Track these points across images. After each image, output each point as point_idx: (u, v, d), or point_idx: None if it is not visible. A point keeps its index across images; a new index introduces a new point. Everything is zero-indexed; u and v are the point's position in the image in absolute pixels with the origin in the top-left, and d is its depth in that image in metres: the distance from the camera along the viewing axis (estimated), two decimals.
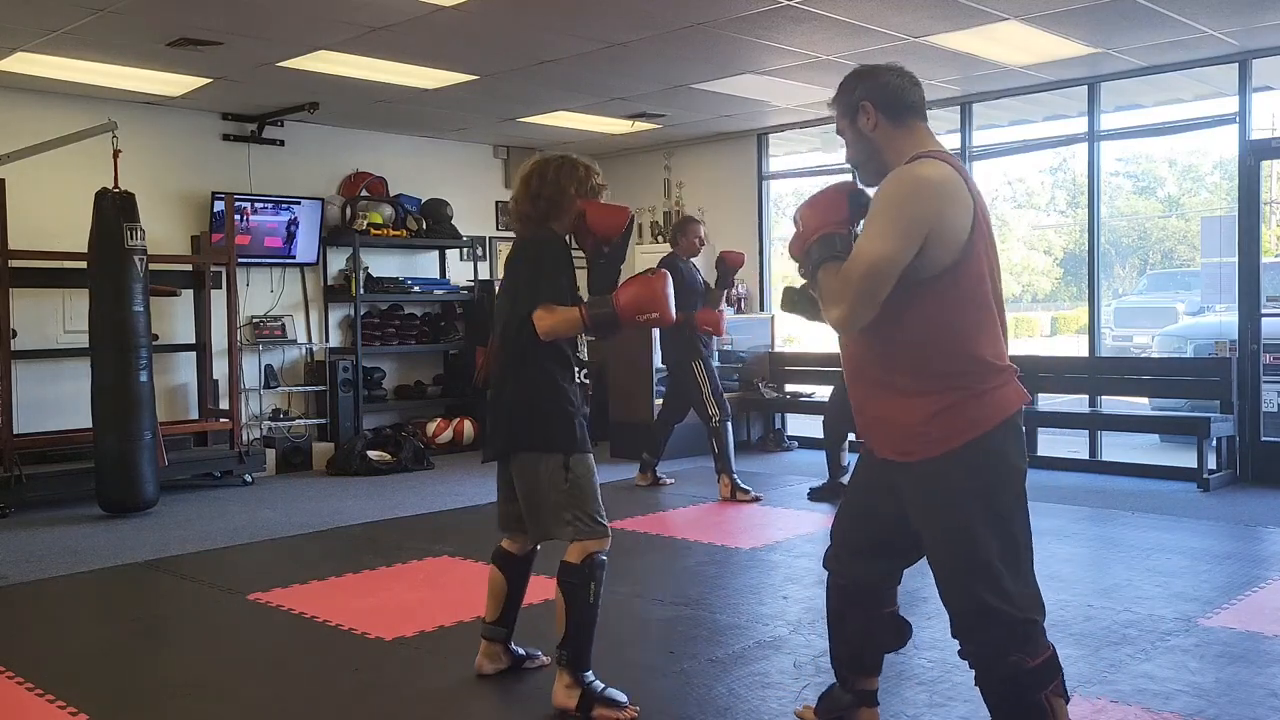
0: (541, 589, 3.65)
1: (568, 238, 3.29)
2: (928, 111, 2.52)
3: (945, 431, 2.29)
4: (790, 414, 9.13)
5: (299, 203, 8.26)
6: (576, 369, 3.22)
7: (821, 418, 6.80)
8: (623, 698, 3.10)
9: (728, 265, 6.78)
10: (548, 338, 3.08)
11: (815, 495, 6.51)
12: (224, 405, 7.72)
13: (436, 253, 9.36)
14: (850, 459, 6.54)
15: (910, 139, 2.40)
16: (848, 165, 2.58)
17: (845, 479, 6.48)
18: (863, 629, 2.69)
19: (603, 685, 3.11)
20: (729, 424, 6.60)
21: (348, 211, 8.46)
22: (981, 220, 2.30)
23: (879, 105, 2.40)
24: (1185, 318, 11.41)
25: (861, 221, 2.37)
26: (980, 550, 2.28)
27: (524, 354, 3.16)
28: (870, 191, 2.40)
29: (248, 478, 7.44)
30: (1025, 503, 2.35)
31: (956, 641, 2.40)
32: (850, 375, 2.51)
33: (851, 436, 6.65)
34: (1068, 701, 2.36)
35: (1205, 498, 6.39)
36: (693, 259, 6.77)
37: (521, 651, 3.50)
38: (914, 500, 2.40)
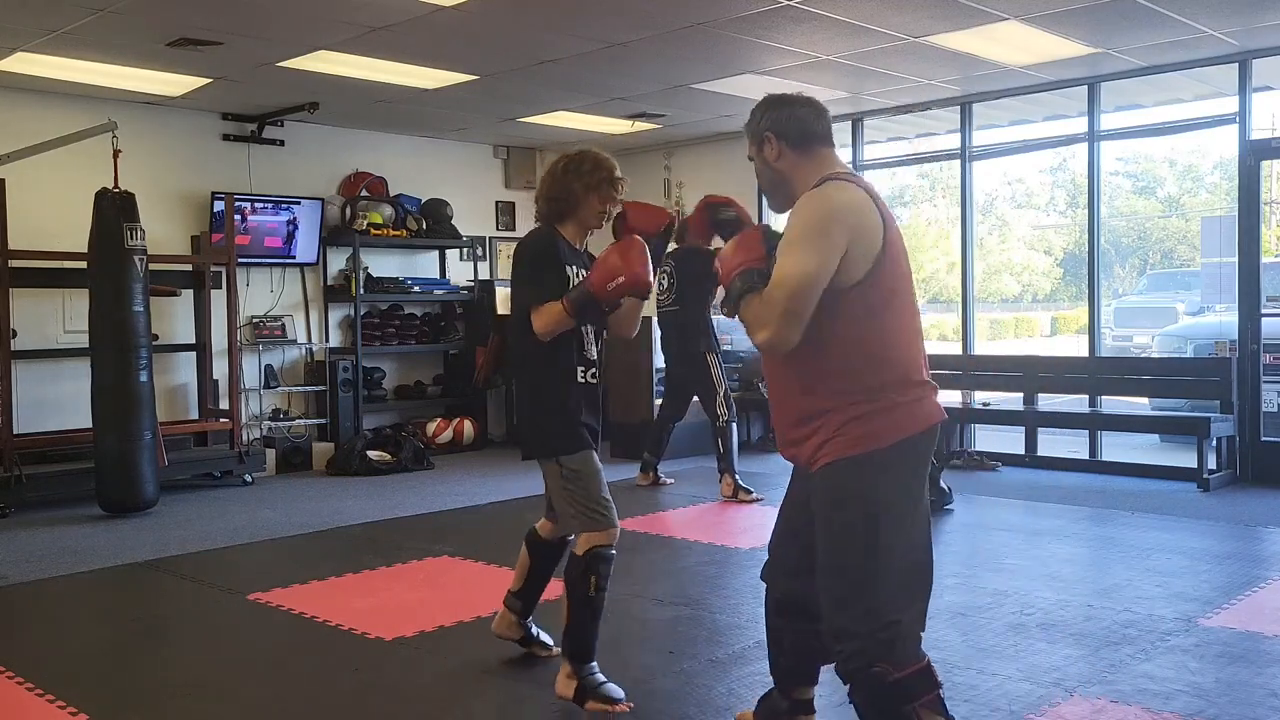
0: (556, 586, 3.66)
1: (585, 239, 3.31)
2: (928, 112, 2.52)
3: (848, 440, 2.33)
4: None
5: (299, 203, 8.26)
6: (584, 369, 3.22)
7: None
8: (619, 694, 3.13)
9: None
10: (547, 337, 3.11)
11: None
12: (224, 405, 7.72)
13: (436, 253, 9.36)
14: None
15: (815, 166, 2.45)
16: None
17: None
18: (797, 642, 2.69)
19: (602, 679, 3.15)
20: (734, 425, 6.60)
21: (348, 211, 8.46)
22: (893, 237, 2.35)
23: (781, 135, 2.46)
24: (1185, 318, 11.40)
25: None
26: (853, 556, 2.31)
27: (523, 357, 3.23)
28: (780, 227, 2.44)
29: (248, 478, 7.44)
30: (922, 514, 2.39)
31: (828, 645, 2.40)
32: (771, 393, 2.56)
33: None
34: (943, 718, 2.35)
35: (1205, 498, 6.39)
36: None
37: (535, 631, 3.58)
38: (814, 505, 2.43)
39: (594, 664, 3.17)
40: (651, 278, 3.13)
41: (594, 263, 3.12)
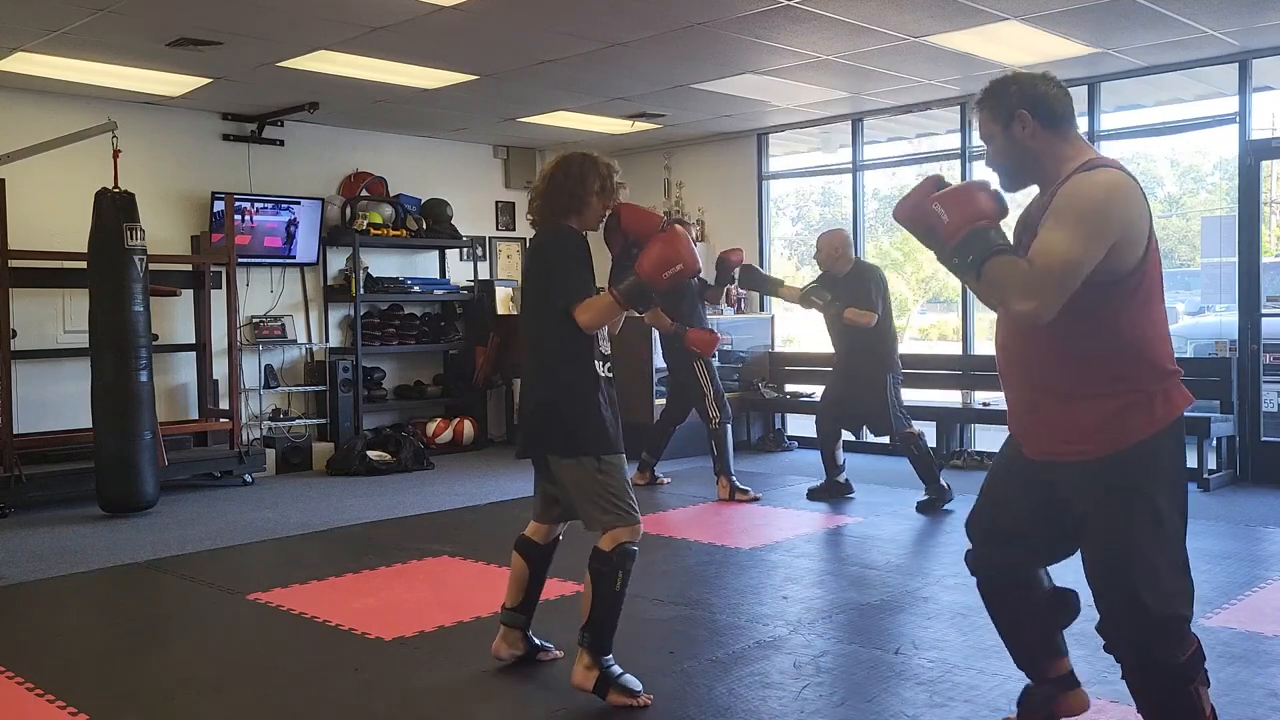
0: (554, 587, 3.65)
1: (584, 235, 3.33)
2: (928, 112, 2.54)
3: (1121, 431, 2.38)
4: (790, 414, 9.12)
5: (299, 203, 8.26)
6: (601, 363, 3.25)
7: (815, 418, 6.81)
8: (638, 686, 3.16)
9: (729, 264, 6.75)
10: (591, 329, 3.14)
11: (814, 495, 6.51)
12: (224, 405, 7.72)
13: (436, 253, 9.35)
14: (845, 457, 6.56)
15: (1069, 146, 2.48)
16: (991, 168, 2.60)
17: (841, 477, 6.49)
18: (1031, 613, 2.74)
19: (620, 670, 3.17)
20: (729, 426, 6.60)
21: (348, 211, 8.46)
22: (1153, 227, 2.39)
23: (1035, 113, 2.46)
24: (1185, 318, 11.39)
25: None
26: (1144, 546, 2.37)
27: (553, 354, 3.22)
28: (1006, 197, 2.45)
29: (248, 478, 7.44)
30: (1187, 500, 2.49)
31: (1102, 637, 2.46)
32: (1014, 378, 2.56)
33: (846, 435, 6.65)
34: (1209, 687, 2.44)
35: (1205, 498, 6.39)
36: None
37: (538, 642, 3.55)
38: (1084, 497, 2.45)
39: (611, 656, 3.19)
40: (699, 265, 3.20)
41: (642, 253, 3.14)
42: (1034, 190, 2.55)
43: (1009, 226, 2.50)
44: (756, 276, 6.61)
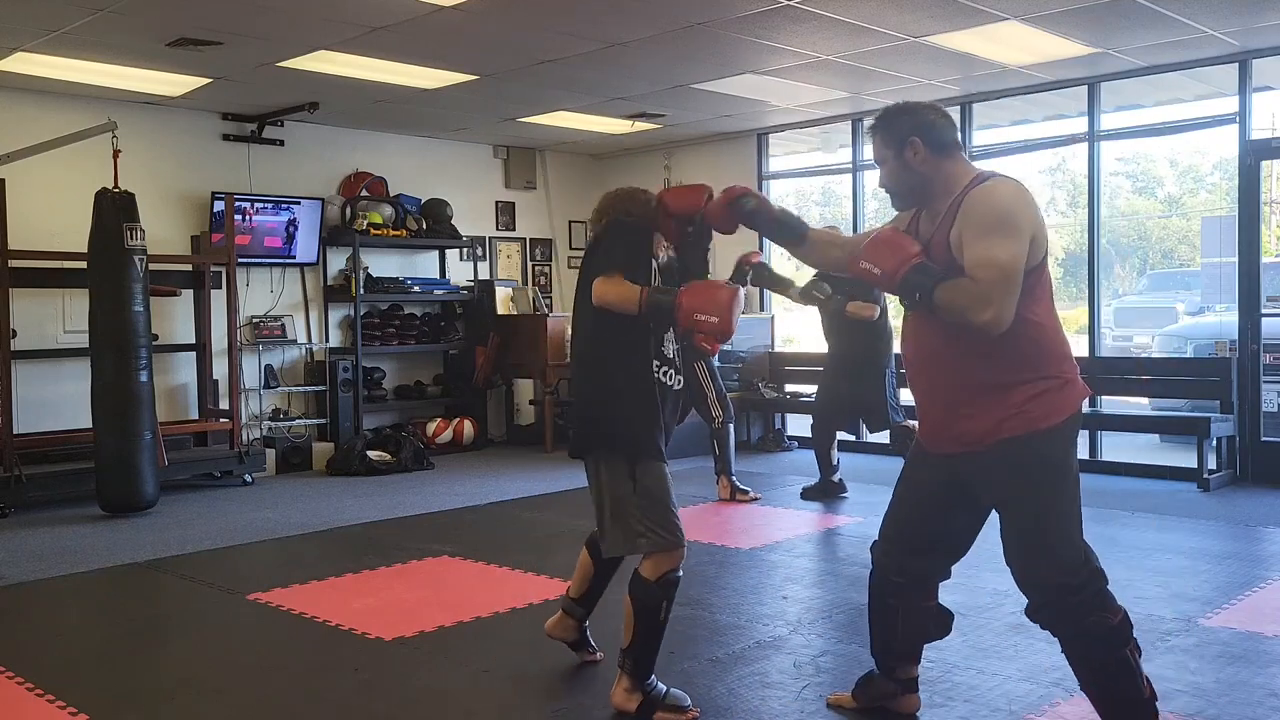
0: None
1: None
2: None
3: (1034, 415, 2.53)
4: (790, 414, 9.13)
5: (299, 203, 8.25)
6: (660, 365, 3.06)
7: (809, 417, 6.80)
8: (686, 700, 3.08)
9: (748, 265, 6.67)
10: (599, 304, 2.93)
11: (808, 494, 6.52)
12: (224, 405, 7.72)
13: (436, 253, 9.35)
14: (839, 457, 6.56)
15: (956, 167, 2.67)
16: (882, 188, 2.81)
17: (836, 476, 6.49)
18: (912, 621, 2.91)
19: (665, 688, 3.08)
20: (731, 426, 6.60)
21: (348, 211, 8.46)
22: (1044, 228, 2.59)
23: (927, 141, 2.65)
24: (1185, 318, 11.38)
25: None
26: (1062, 521, 2.55)
27: (595, 349, 3.07)
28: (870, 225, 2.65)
29: (248, 478, 7.43)
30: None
31: (1031, 617, 2.63)
32: (934, 379, 2.69)
33: (840, 435, 6.65)
34: (1142, 655, 2.57)
35: (1205, 498, 6.39)
36: None
37: (590, 639, 3.53)
38: (995, 480, 2.60)
39: (654, 676, 3.10)
40: (733, 330, 2.94)
41: (691, 285, 2.94)
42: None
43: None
44: (769, 275, 6.57)
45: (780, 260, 9.60)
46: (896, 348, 6.47)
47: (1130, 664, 2.52)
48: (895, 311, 8.15)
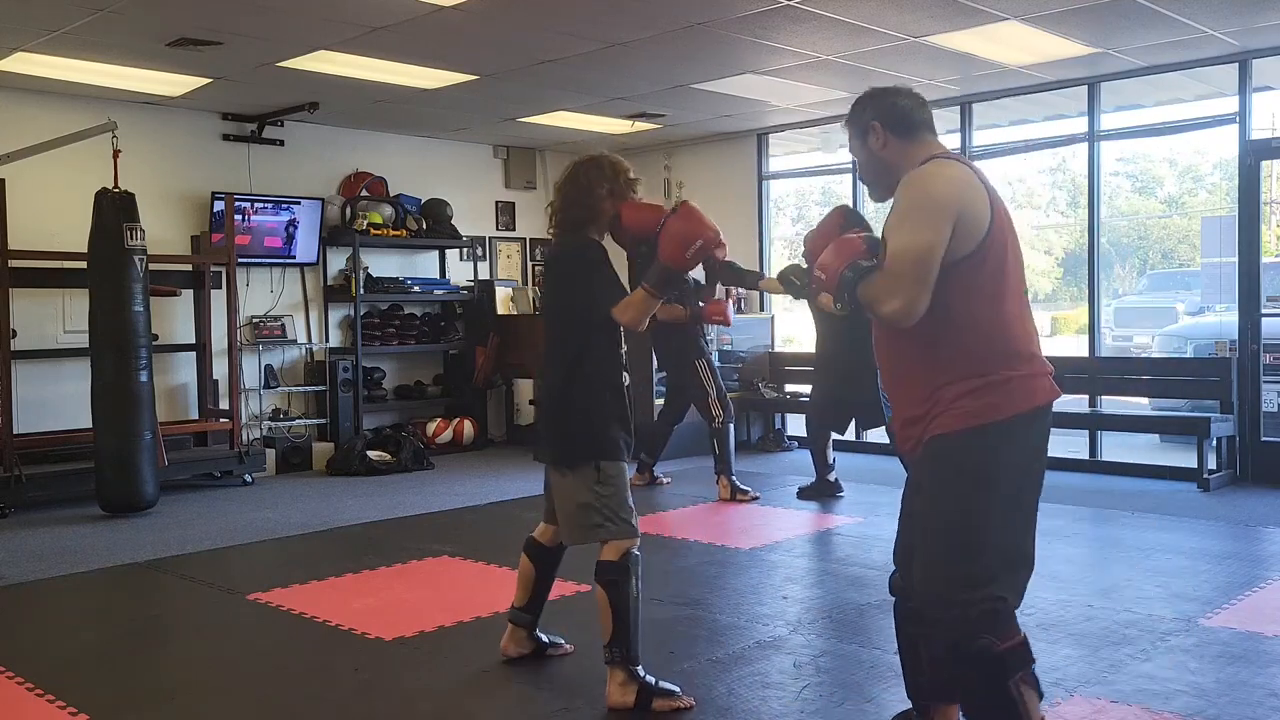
0: (558, 588, 3.65)
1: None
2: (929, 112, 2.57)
3: (962, 413, 2.34)
4: (790, 414, 9.12)
5: (299, 203, 8.25)
6: (625, 370, 3.26)
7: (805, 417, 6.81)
8: (676, 688, 3.14)
9: (715, 259, 6.76)
10: (636, 326, 3.14)
11: (804, 494, 6.52)
12: (224, 405, 7.72)
13: (436, 253, 9.35)
14: (835, 456, 6.57)
15: (920, 151, 2.50)
16: (860, 177, 2.68)
17: (832, 476, 6.50)
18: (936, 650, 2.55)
19: (655, 679, 3.14)
20: (731, 426, 6.60)
21: (348, 211, 8.46)
22: (999, 214, 2.38)
23: (886, 124, 2.51)
24: (1185, 318, 11.38)
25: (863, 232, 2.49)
26: (970, 534, 2.32)
27: (578, 361, 3.19)
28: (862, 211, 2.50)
29: (248, 478, 7.43)
30: (1036, 493, 2.42)
31: (916, 624, 2.44)
32: (888, 377, 2.58)
33: (835, 435, 6.65)
34: (1041, 697, 2.36)
35: (1205, 498, 6.39)
36: None
37: (546, 639, 3.57)
38: (924, 480, 2.44)
39: (641, 665, 3.15)
40: (721, 236, 3.11)
41: (657, 239, 3.09)
42: None
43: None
44: (736, 272, 6.58)
45: (780, 261, 9.61)
46: None
47: (1012, 698, 2.27)
48: None
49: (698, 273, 7.00)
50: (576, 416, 3.18)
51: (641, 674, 3.13)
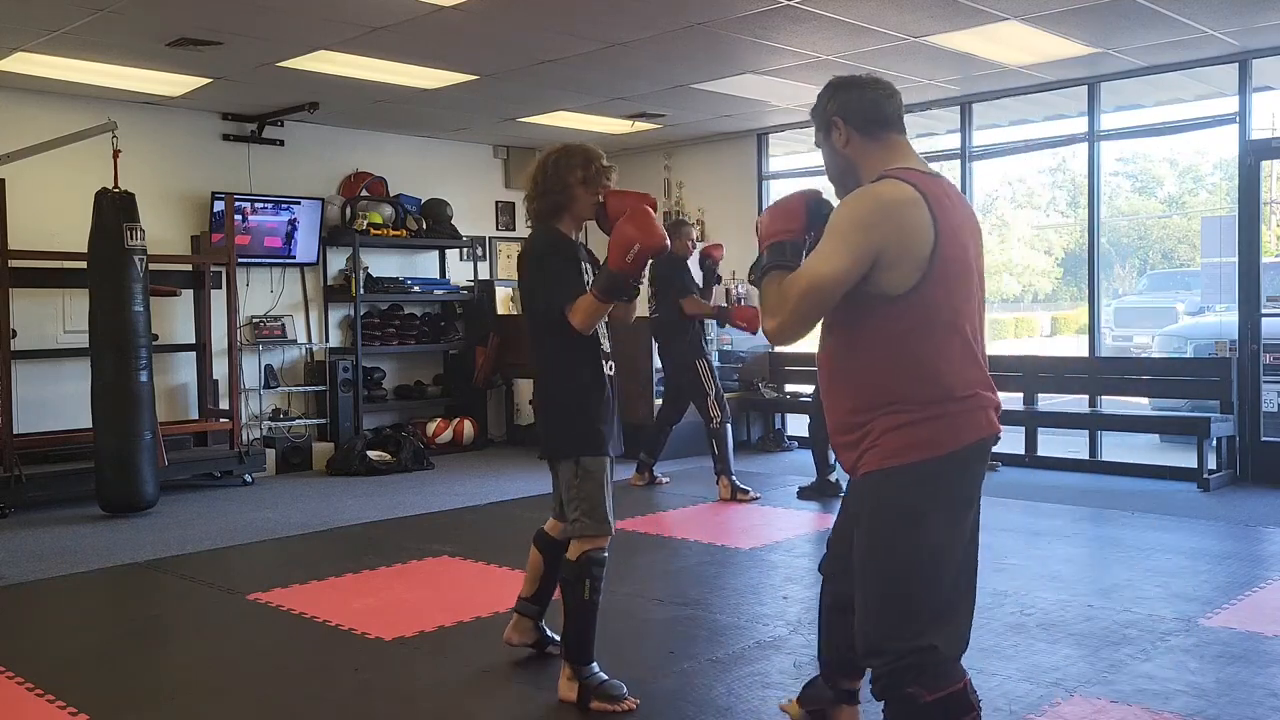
0: None
1: (582, 232, 3.30)
2: (928, 112, 2.49)
3: (886, 450, 2.20)
4: (790, 414, 9.12)
5: (299, 203, 8.25)
6: (608, 361, 3.24)
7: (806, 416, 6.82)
8: (622, 689, 3.14)
9: (712, 260, 6.86)
10: (585, 330, 3.10)
11: (804, 494, 6.52)
12: (224, 405, 7.72)
13: (436, 253, 9.35)
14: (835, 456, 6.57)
15: (884, 154, 2.31)
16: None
17: (832, 476, 6.50)
18: (849, 637, 2.53)
19: (603, 677, 3.16)
20: (729, 426, 6.61)
21: (348, 211, 8.46)
22: (947, 242, 2.17)
23: (850, 120, 2.31)
24: (1185, 318, 11.39)
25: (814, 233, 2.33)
26: (890, 571, 2.21)
27: (549, 356, 3.22)
28: (836, 203, 2.34)
29: (248, 478, 7.43)
30: (963, 535, 2.26)
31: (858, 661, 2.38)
32: (823, 396, 2.44)
33: None
34: None
35: (1205, 498, 6.39)
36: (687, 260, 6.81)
37: (550, 634, 3.57)
38: (856, 513, 2.35)
39: (594, 664, 3.18)
40: (665, 239, 3.11)
41: (609, 244, 3.09)
42: None
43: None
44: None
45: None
46: None
47: None
48: None
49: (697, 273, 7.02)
50: (556, 411, 3.22)
51: (590, 673, 3.15)
